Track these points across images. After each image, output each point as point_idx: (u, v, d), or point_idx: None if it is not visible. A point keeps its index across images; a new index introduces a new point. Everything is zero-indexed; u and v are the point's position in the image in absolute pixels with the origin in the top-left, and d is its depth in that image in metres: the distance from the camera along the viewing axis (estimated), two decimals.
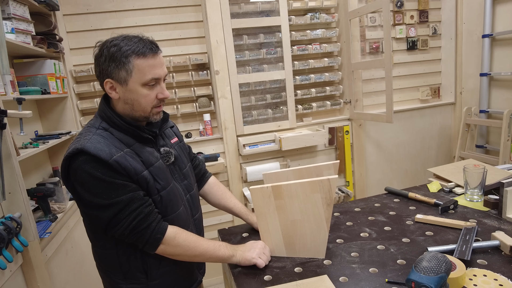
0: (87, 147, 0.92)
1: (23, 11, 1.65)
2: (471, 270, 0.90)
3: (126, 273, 1.05)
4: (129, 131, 1.01)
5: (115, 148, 0.96)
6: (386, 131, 2.85)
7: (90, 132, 0.98)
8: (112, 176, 0.93)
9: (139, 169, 0.98)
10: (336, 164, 1.24)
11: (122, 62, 0.97)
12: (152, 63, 0.98)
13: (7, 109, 1.26)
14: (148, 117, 1.04)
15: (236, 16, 2.39)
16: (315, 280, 0.93)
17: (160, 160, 1.06)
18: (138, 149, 1.01)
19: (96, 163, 0.92)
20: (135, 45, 0.99)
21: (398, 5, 2.76)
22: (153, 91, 1.01)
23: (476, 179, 1.34)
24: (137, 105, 1.00)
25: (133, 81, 0.97)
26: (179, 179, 1.13)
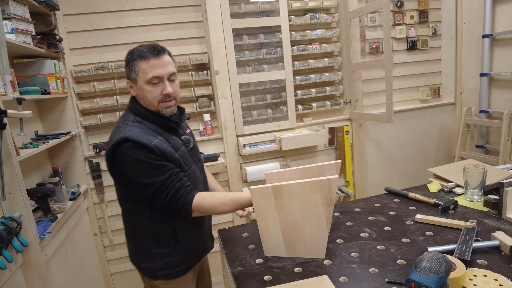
0: (130, 135, 1.11)
1: (23, 11, 1.65)
2: (471, 270, 0.90)
3: (159, 240, 1.25)
4: (158, 122, 1.22)
5: (152, 136, 1.16)
6: (386, 131, 2.85)
7: (128, 125, 1.18)
8: (152, 158, 1.13)
9: (172, 152, 1.19)
10: (338, 164, 1.24)
11: (132, 65, 1.18)
12: (153, 64, 1.16)
13: (7, 109, 1.26)
14: (159, 111, 1.21)
15: (236, 16, 2.39)
16: (315, 280, 0.93)
17: (183, 146, 1.27)
18: (167, 137, 1.22)
19: (138, 148, 1.12)
20: (140, 51, 1.17)
21: (398, 5, 2.76)
22: (157, 88, 1.18)
23: (476, 179, 1.34)
24: (146, 100, 1.20)
25: (140, 80, 1.17)
26: (196, 162, 1.35)
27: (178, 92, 1.25)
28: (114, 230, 2.43)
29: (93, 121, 2.29)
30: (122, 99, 2.31)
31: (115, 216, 2.42)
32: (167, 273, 1.27)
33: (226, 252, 1.18)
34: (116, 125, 1.23)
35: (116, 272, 2.49)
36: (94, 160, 2.29)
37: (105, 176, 2.35)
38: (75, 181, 2.22)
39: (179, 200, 1.16)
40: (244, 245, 1.21)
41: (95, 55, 2.28)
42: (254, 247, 1.18)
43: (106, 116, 2.30)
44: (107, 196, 2.38)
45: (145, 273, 1.30)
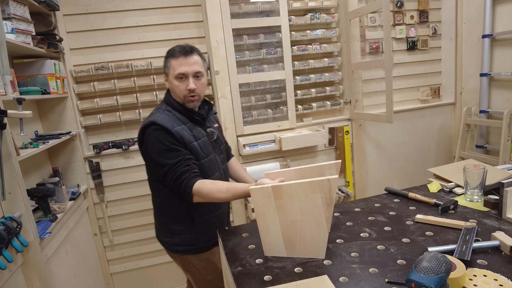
0: (156, 120, 1.31)
1: (23, 11, 1.65)
2: (471, 270, 0.90)
3: (176, 218, 1.43)
4: (185, 113, 1.40)
5: (176, 123, 1.34)
6: (386, 131, 2.85)
7: (158, 112, 1.37)
8: (171, 142, 1.29)
9: (191, 140, 1.35)
10: (338, 164, 1.25)
11: (166, 62, 1.39)
12: (180, 62, 1.34)
13: (7, 109, 1.26)
14: (184, 103, 1.39)
15: (236, 16, 2.39)
16: (315, 280, 0.93)
17: (205, 137, 1.43)
18: (191, 127, 1.40)
19: (162, 131, 1.29)
20: (173, 49, 1.37)
21: (398, 5, 2.76)
22: (183, 83, 1.36)
23: (476, 179, 1.34)
24: (174, 93, 1.39)
25: (170, 75, 1.38)
26: (218, 153, 1.51)
27: (202, 89, 1.42)
28: (114, 230, 2.43)
29: (93, 121, 2.29)
30: (122, 99, 2.31)
31: (115, 216, 2.42)
32: (184, 249, 1.45)
33: (226, 252, 1.18)
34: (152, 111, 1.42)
35: (116, 272, 2.49)
36: (94, 160, 2.29)
37: (105, 176, 2.35)
38: (75, 181, 2.22)
39: (182, 183, 1.28)
40: (244, 245, 1.20)
41: (95, 55, 2.28)
42: (254, 247, 1.18)
43: (106, 116, 2.30)
44: (107, 196, 2.38)
45: (166, 247, 1.50)
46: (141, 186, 2.42)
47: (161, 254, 2.54)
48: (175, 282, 2.62)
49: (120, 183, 2.38)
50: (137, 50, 2.34)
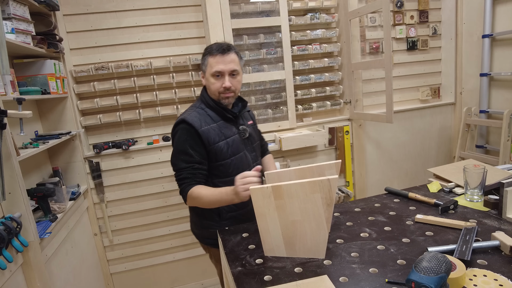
0: (187, 118, 1.38)
1: (23, 11, 1.65)
2: (471, 270, 0.90)
3: (204, 212, 1.49)
4: (218, 111, 1.44)
5: (205, 123, 1.39)
6: (386, 131, 2.85)
7: (191, 109, 1.45)
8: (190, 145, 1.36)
9: (216, 140, 1.39)
10: (338, 164, 1.24)
11: (204, 59, 1.43)
12: (217, 60, 1.38)
13: (7, 109, 1.26)
14: (219, 100, 1.43)
15: (236, 16, 2.39)
16: (315, 280, 0.93)
17: (236, 135, 1.47)
18: (222, 125, 1.44)
19: (188, 130, 1.37)
20: (211, 47, 1.41)
21: (398, 5, 2.76)
22: (219, 81, 1.40)
23: (476, 179, 1.34)
24: (210, 90, 1.44)
25: (207, 72, 1.42)
26: (250, 151, 1.53)
27: (237, 86, 1.45)
28: (114, 230, 2.43)
29: (93, 121, 2.29)
30: (122, 99, 2.31)
31: (115, 216, 2.42)
32: (212, 242, 1.50)
33: (226, 252, 1.18)
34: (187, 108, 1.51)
35: (116, 272, 2.49)
36: (94, 160, 2.29)
37: (105, 176, 2.35)
38: (75, 181, 2.22)
39: (181, 186, 1.40)
40: (244, 245, 1.20)
41: (95, 55, 2.28)
42: (254, 247, 1.18)
43: (106, 116, 2.30)
44: (107, 196, 2.38)
45: (198, 238, 1.61)
46: (141, 186, 2.42)
47: (161, 254, 2.55)
48: (175, 282, 2.62)
49: (120, 183, 2.38)
50: (137, 50, 2.34)
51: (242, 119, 1.55)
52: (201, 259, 2.62)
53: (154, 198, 2.46)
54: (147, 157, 2.39)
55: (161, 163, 2.42)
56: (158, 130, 2.46)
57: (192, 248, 2.59)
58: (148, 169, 2.41)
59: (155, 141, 2.39)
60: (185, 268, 2.62)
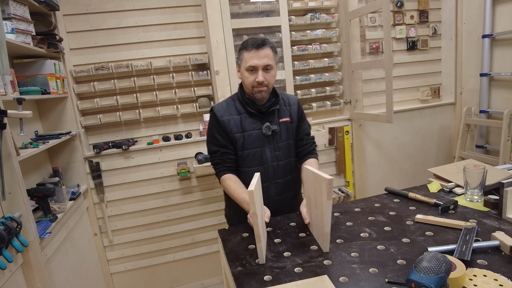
0: (214, 107, 1.52)
1: (23, 11, 1.65)
2: (471, 270, 0.90)
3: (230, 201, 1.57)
4: (243, 104, 1.50)
5: (228, 113, 1.49)
6: (386, 131, 2.85)
7: (225, 100, 1.56)
8: (216, 130, 1.49)
9: (234, 131, 1.48)
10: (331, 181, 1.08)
11: (239, 54, 1.47)
12: (252, 55, 1.40)
13: (7, 109, 1.26)
14: (252, 94, 1.47)
15: (236, 16, 2.39)
16: (315, 280, 0.93)
17: (258, 130, 1.49)
18: (244, 117, 1.50)
19: (212, 118, 1.51)
20: (246, 42, 1.43)
21: (398, 5, 2.76)
22: (253, 75, 1.42)
23: (476, 179, 1.34)
24: (244, 84, 1.48)
25: (242, 67, 1.45)
26: (273, 149, 1.52)
27: (271, 81, 1.46)
28: (114, 230, 2.43)
29: (93, 121, 2.29)
30: (122, 99, 2.31)
31: (115, 216, 2.42)
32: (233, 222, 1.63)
33: (226, 252, 1.18)
34: None
35: (116, 272, 2.49)
36: (94, 160, 2.29)
37: (105, 176, 2.35)
38: (75, 181, 2.22)
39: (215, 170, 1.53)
40: (244, 245, 1.21)
41: (95, 55, 2.28)
42: (254, 247, 1.18)
43: (106, 116, 2.30)
44: (107, 196, 2.38)
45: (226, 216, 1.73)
46: (141, 186, 2.42)
47: (161, 254, 2.55)
48: (175, 282, 2.62)
49: (120, 183, 2.38)
50: (137, 50, 2.34)
51: (275, 115, 1.52)
52: (201, 259, 2.62)
53: (154, 198, 2.46)
54: (147, 157, 2.39)
55: (161, 163, 2.42)
56: (158, 130, 2.46)
57: (192, 248, 2.59)
58: (148, 169, 2.41)
59: (155, 141, 2.39)
60: (185, 268, 2.62)
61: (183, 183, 2.48)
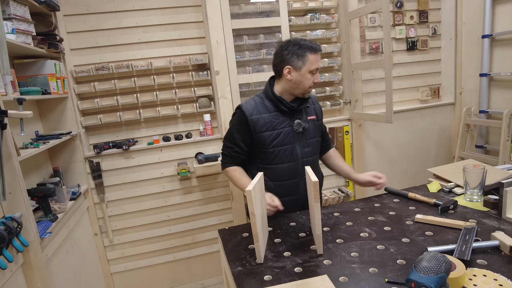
0: (243, 105, 1.53)
1: (24, 12, 1.66)
2: (471, 270, 0.90)
3: None
4: (274, 102, 1.52)
5: (257, 111, 1.51)
6: (386, 131, 2.86)
7: (252, 98, 1.57)
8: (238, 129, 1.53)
9: (263, 129, 1.50)
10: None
11: (301, 55, 1.44)
12: (317, 58, 1.46)
13: (8, 109, 1.26)
14: (304, 94, 1.52)
15: (236, 17, 2.39)
16: (315, 280, 0.93)
17: (288, 127, 1.53)
18: (274, 116, 1.52)
19: (239, 116, 1.53)
20: (309, 44, 1.45)
21: (398, 6, 2.76)
22: (313, 77, 1.48)
23: (476, 179, 1.34)
24: (302, 85, 1.48)
25: (305, 68, 1.45)
26: (302, 146, 1.56)
27: None
28: (114, 230, 2.43)
29: (94, 121, 2.29)
30: (122, 99, 2.32)
31: (115, 216, 2.42)
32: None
33: (226, 252, 1.18)
34: None
35: (116, 272, 2.49)
36: (94, 160, 2.29)
37: (105, 176, 2.35)
38: (76, 181, 2.22)
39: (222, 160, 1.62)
40: (244, 245, 1.21)
41: (95, 55, 2.29)
42: (254, 247, 1.18)
43: (107, 116, 2.30)
44: (108, 196, 2.38)
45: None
46: (141, 186, 2.42)
47: (161, 254, 2.55)
48: (175, 282, 2.62)
49: (121, 183, 2.39)
50: (138, 51, 2.35)
51: (302, 113, 1.58)
52: (201, 259, 2.63)
53: (154, 198, 2.46)
54: (147, 157, 2.39)
55: (162, 163, 2.42)
56: (158, 130, 2.47)
57: (192, 248, 2.59)
58: (148, 169, 2.41)
59: (155, 141, 2.40)
60: (185, 268, 2.62)
61: (183, 183, 2.49)
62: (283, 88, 1.52)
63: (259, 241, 1.04)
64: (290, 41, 1.49)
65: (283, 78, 1.50)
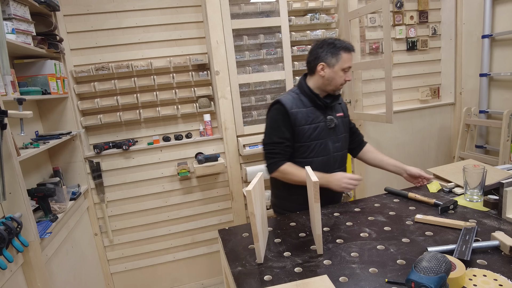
0: (281, 99, 1.55)
1: (24, 12, 1.66)
2: (471, 270, 0.90)
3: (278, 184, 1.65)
4: (310, 97, 1.57)
5: (295, 106, 1.54)
6: (386, 131, 2.86)
7: (287, 93, 1.61)
8: (282, 123, 1.53)
9: (302, 123, 1.53)
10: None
11: (335, 53, 1.52)
12: (349, 57, 1.54)
13: (8, 109, 1.26)
14: (335, 91, 1.59)
15: (236, 17, 2.39)
16: (315, 280, 0.93)
17: (322, 123, 1.57)
18: (311, 110, 1.56)
19: (279, 111, 1.54)
20: (343, 44, 1.53)
21: (398, 6, 2.76)
22: (345, 75, 1.55)
23: (476, 179, 1.34)
24: (334, 82, 1.55)
25: (338, 66, 1.52)
26: (333, 141, 1.62)
27: None
28: (114, 230, 2.43)
29: (94, 121, 2.29)
30: (122, 99, 2.32)
31: (116, 216, 2.42)
32: (279, 210, 1.71)
33: (226, 252, 1.18)
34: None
35: (116, 272, 2.49)
36: (94, 160, 2.29)
37: (105, 176, 2.35)
38: (76, 181, 2.22)
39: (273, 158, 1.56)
40: (244, 245, 1.21)
41: (95, 55, 2.29)
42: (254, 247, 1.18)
43: (107, 116, 2.30)
44: (108, 196, 2.38)
45: (272, 206, 1.78)
46: (141, 186, 2.42)
47: (161, 254, 2.55)
48: (175, 282, 2.62)
49: (121, 183, 2.39)
50: (138, 51, 2.35)
51: (332, 110, 1.64)
52: (201, 259, 2.63)
53: (154, 198, 2.46)
54: (147, 157, 2.39)
55: (162, 163, 2.42)
56: (159, 130, 2.47)
57: (192, 248, 2.59)
58: (148, 169, 2.41)
59: (155, 141, 2.40)
60: (185, 268, 2.62)
61: (183, 183, 2.49)
62: (315, 84, 1.58)
63: (259, 241, 1.04)
64: (325, 40, 1.56)
65: (316, 74, 1.56)
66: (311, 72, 1.60)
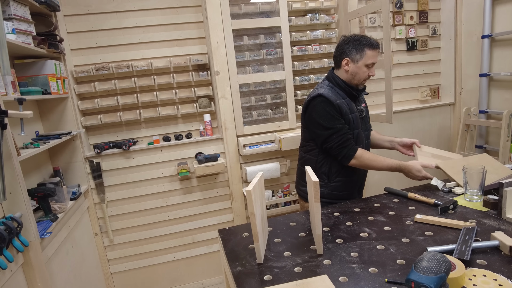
0: (323, 93, 1.59)
1: (24, 12, 1.66)
2: (470, 270, 0.90)
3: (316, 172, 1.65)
4: (346, 89, 1.65)
5: (336, 97, 1.60)
6: (386, 131, 2.85)
7: (323, 87, 1.65)
8: (333, 112, 1.57)
9: (347, 112, 1.61)
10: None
11: (360, 50, 1.58)
12: (374, 54, 1.59)
13: (8, 109, 1.26)
14: (358, 85, 1.66)
15: (236, 17, 2.39)
16: (315, 280, 0.93)
17: (356, 112, 1.67)
18: (348, 101, 1.64)
19: (326, 103, 1.58)
20: (369, 41, 1.59)
21: (398, 6, 2.76)
22: (369, 70, 1.61)
23: (476, 179, 1.34)
24: (357, 77, 1.62)
25: (362, 61, 1.59)
26: (364, 129, 1.74)
27: None
28: (115, 230, 2.43)
29: (94, 121, 2.29)
30: (122, 99, 2.32)
31: (116, 216, 2.42)
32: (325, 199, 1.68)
33: (226, 252, 1.18)
34: (315, 86, 1.71)
35: (116, 272, 2.49)
36: (94, 160, 2.30)
37: (105, 176, 2.35)
38: (76, 181, 2.22)
39: (347, 147, 1.59)
40: (244, 245, 1.21)
41: (95, 55, 2.29)
42: (254, 247, 1.18)
43: (107, 116, 2.30)
44: (108, 196, 2.38)
45: (301, 194, 1.82)
46: (142, 186, 2.42)
47: (161, 254, 2.55)
48: (175, 282, 2.63)
49: (121, 183, 2.39)
50: (138, 51, 2.35)
51: (360, 101, 1.75)
52: (201, 259, 2.63)
53: (154, 198, 2.46)
54: (147, 157, 2.39)
55: (162, 163, 2.42)
56: (159, 130, 2.47)
57: (192, 248, 2.59)
58: (148, 169, 2.41)
59: (155, 141, 2.40)
60: (185, 268, 2.62)
61: (183, 183, 2.49)
62: (341, 77, 1.66)
63: (259, 241, 1.04)
64: (351, 36, 1.62)
65: (341, 69, 1.64)
66: (337, 66, 1.68)
